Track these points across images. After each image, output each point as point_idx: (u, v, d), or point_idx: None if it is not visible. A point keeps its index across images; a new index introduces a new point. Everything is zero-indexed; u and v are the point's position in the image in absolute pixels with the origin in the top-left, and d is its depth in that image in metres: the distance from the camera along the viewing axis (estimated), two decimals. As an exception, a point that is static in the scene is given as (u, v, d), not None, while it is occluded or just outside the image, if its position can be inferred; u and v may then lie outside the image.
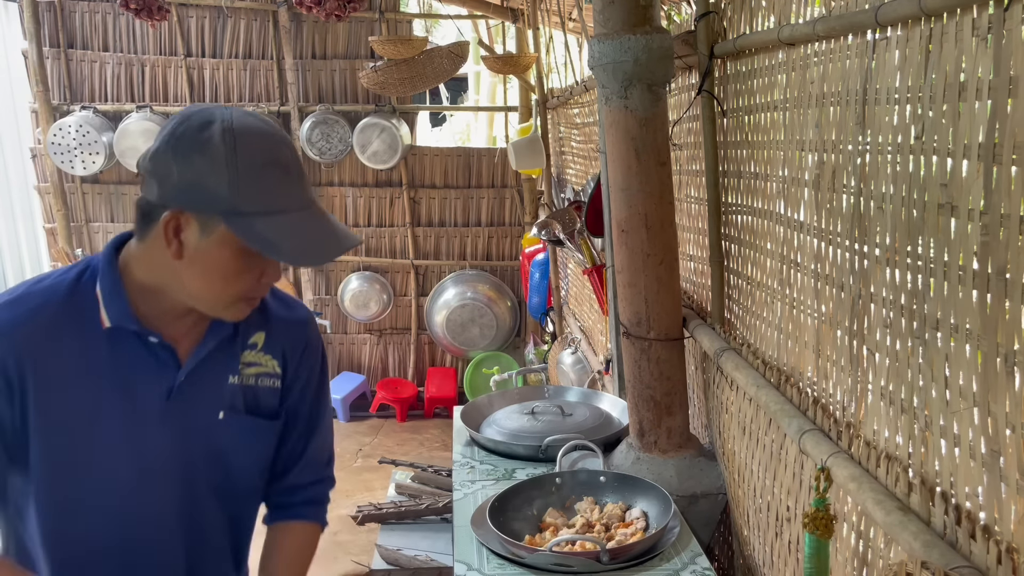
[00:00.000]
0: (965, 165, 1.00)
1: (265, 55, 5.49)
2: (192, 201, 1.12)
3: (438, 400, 5.67)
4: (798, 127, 1.51)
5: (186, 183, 1.12)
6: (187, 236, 1.14)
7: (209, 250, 1.14)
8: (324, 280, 5.79)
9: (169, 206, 1.13)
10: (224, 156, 1.11)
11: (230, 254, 1.15)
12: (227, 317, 1.24)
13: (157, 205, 1.15)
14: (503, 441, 2.16)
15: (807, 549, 1.13)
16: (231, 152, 1.11)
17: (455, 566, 1.65)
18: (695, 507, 1.91)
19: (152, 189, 1.15)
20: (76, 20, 5.41)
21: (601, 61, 1.83)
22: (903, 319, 1.17)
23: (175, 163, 1.12)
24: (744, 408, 1.75)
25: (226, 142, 1.11)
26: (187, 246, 1.15)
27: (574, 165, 4.20)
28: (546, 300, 4.90)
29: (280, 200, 1.15)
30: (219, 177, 1.11)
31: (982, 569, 0.95)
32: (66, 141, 5.18)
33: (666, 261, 1.91)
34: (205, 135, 1.12)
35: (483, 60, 4.91)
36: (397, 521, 3.76)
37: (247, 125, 1.14)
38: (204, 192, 1.12)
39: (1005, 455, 0.94)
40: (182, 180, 1.12)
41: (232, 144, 1.11)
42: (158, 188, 1.14)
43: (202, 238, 1.14)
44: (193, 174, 1.12)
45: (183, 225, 1.14)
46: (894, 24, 1.15)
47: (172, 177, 1.13)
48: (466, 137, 8.39)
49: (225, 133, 1.12)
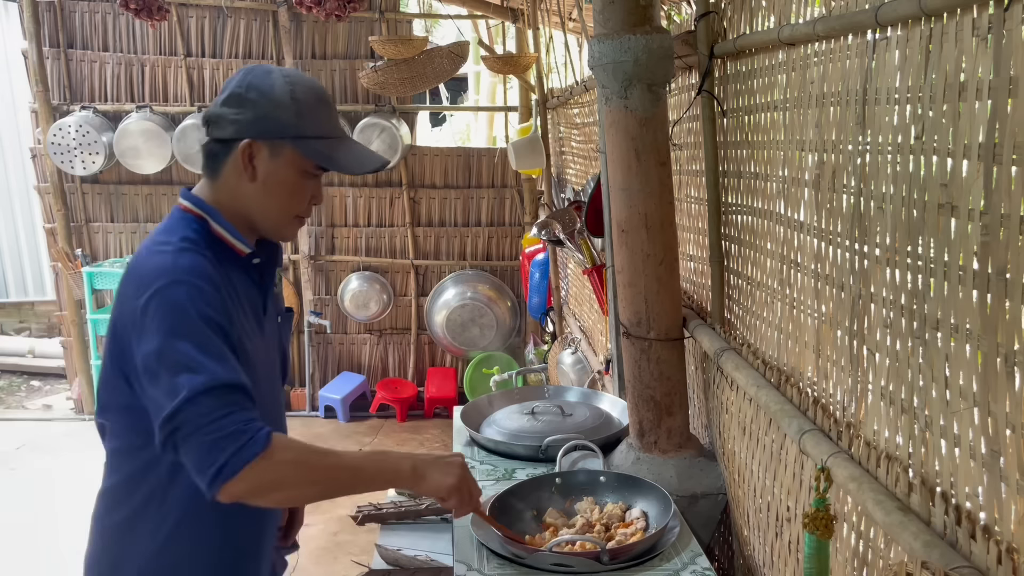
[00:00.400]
0: (965, 165, 1.00)
1: (265, 55, 5.49)
2: (264, 131, 1.40)
3: (438, 400, 5.66)
4: (798, 127, 1.51)
5: (258, 117, 1.40)
6: (259, 161, 1.42)
7: (277, 170, 1.42)
8: (324, 280, 5.79)
9: (244, 137, 1.40)
10: (288, 94, 1.41)
11: (294, 172, 1.43)
12: (285, 235, 1.52)
13: (231, 140, 1.41)
14: (503, 441, 2.16)
15: (807, 549, 1.12)
16: (292, 91, 1.41)
17: (455, 566, 1.65)
18: (695, 507, 1.91)
19: (225, 129, 1.41)
20: (76, 20, 5.41)
21: (601, 61, 1.83)
22: (903, 319, 1.17)
23: (247, 103, 1.40)
24: (744, 408, 1.75)
25: (288, 84, 1.41)
26: (259, 169, 1.42)
27: (574, 165, 4.20)
28: (546, 300, 4.90)
29: (330, 128, 1.47)
30: (286, 110, 1.40)
31: (982, 569, 0.95)
32: (66, 141, 5.18)
33: (666, 261, 1.91)
34: (269, 81, 1.41)
35: (483, 60, 4.91)
36: (397, 521, 3.76)
37: (298, 73, 1.48)
38: (274, 122, 1.40)
39: (1005, 455, 0.94)
40: (256, 115, 1.40)
41: (292, 86, 1.42)
42: (232, 126, 1.41)
43: (271, 160, 1.42)
44: (264, 110, 1.40)
45: (255, 152, 1.41)
46: (894, 24, 1.15)
47: (246, 114, 1.40)
48: (466, 137, 8.39)
49: (285, 78, 1.42)
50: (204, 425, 1.22)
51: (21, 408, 6.04)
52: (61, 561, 3.75)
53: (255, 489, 1.25)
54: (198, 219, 1.44)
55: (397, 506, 3.83)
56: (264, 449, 1.23)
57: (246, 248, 1.46)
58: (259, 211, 1.46)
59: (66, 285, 5.53)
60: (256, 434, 1.24)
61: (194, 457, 1.23)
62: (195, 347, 1.27)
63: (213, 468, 1.21)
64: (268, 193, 1.44)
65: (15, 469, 4.85)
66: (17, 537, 3.99)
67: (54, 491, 4.52)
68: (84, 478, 4.85)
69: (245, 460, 1.21)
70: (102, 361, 1.42)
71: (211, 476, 1.21)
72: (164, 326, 1.28)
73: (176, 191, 5.63)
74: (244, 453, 1.22)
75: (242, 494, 1.25)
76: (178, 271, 1.32)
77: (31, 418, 5.79)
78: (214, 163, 1.45)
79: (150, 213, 5.68)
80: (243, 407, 1.26)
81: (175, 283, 1.31)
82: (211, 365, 1.26)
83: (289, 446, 1.30)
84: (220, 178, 1.45)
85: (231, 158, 1.42)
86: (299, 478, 1.31)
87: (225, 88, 1.44)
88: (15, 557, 3.80)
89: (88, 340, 5.45)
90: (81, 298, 5.43)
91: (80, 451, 5.14)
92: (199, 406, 1.23)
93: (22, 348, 6.79)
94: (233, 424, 1.23)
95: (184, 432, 1.23)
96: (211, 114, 1.44)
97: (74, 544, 4.41)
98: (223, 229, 1.44)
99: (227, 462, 1.21)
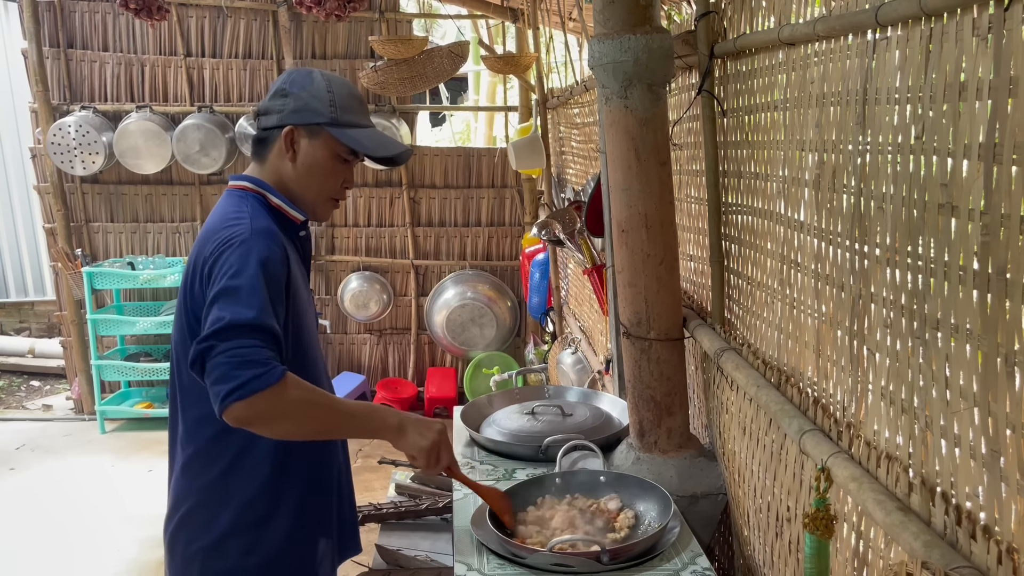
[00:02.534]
0: (965, 165, 1.00)
1: (265, 55, 5.49)
2: (305, 118, 1.64)
3: (438, 400, 5.66)
4: (798, 127, 1.51)
5: (300, 107, 1.64)
6: (299, 144, 1.65)
7: (314, 152, 1.66)
8: (324, 280, 5.79)
9: (287, 124, 1.64)
10: (325, 88, 1.66)
11: (328, 155, 1.67)
12: (320, 214, 1.74)
13: (276, 127, 1.65)
14: (503, 441, 2.16)
15: (807, 549, 1.12)
16: (329, 86, 1.66)
17: (455, 566, 1.65)
18: (695, 507, 1.91)
19: (271, 119, 1.66)
20: (76, 20, 5.41)
21: (601, 61, 1.83)
22: (903, 319, 1.17)
23: (290, 96, 1.65)
24: (744, 408, 1.75)
25: (325, 80, 1.67)
26: (299, 152, 1.65)
27: (574, 165, 4.20)
28: (546, 300, 4.89)
29: (361, 118, 1.70)
30: (323, 102, 1.65)
31: (982, 569, 0.95)
32: (66, 141, 5.18)
33: (666, 261, 1.91)
34: (309, 78, 1.67)
35: (483, 60, 4.91)
36: (397, 521, 3.75)
37: (334, 74, 1.72)
38: (313, 112, 1.64)
39: (1005, 455, 0.94)
40: (297, 106, 1.64)
41: (328, 82, 1.67)
42: (277, 116, 1.65)
43: (310, 144, 1.65)
44: (304, 100, 1.64)
45: (296, 137, 1.65)
46: (894, 24, 1.15)
47: (289, 106, 1.65)
48: (466, 137, 8.39)
49: (322, 76, 1.68)
50: (231, 349, 1.39)
51: (21, 408, 6.04)
52: (61, 561, 3.75)
53: (259, 415, 1.41)
54: (256, 195, 1.66)
55: (397, 506, 3.82)
56: (277, 382, 1.39)
57: (300, 216, 1.70)
58: (299, 190, 1.68)
59: (66, 285, 5.53)
60: (274, 368, 1.40)
61: (215, 375, 1.39)
62: (248, 290, 1.45)
63: (228, 386, 1.37)
64: (307, 173, 1.67)
65: (15, 469, 4.85)
66: (17, 537, 3.99)
67: (54, 491, 4.52)
68: (84, 478, 4.86)
69: (258, 388, 1.37)
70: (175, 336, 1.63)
71: (224, 393, 1.37)
72: (230, 271, 1.47)
73: (176, 191, 5.64)
74: (259, 381, 1.38)
75: (247, 418, 1.40)
76: (254, 232, 1.53)
77: (31, 418, 5.79)
78: (262, 149, 1.69)
79: (150, 213, 5.68)
80: (270, 347, 1.43)
81: (249, 240, 1.51)
82: (256, 306, 1.44)
83: (299, 384, 1.46)
84: (267, 162, 1.68)
85: (276, 143, 1.66)
86: (300, 415, 1.48)
87: (273, 86, 1.69)
88: (15, 557, 3.80)
89: (88, 340, 5.45)
90: (81, 298, 5.43)
91: (80, 451, 5.14)
92: (233, 333, 1.40)
93: (22, 348, 6.79)
94: (256, 355, 1.40)
95: (213, 352, 1.40)
96: (261, 108, 1.69)
97: (73, 544, 4.42)
98: (280, 200, 1.67)
99: (242, 384, 1.37)
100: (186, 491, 1.64)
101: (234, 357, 1.38)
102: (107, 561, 3.72)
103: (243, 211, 1.60)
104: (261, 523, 1.62)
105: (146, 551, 3.77)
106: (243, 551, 1.61)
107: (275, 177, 1.68)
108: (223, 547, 1.61)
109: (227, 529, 1.60)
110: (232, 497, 1.61)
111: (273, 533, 1.62)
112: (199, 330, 1.48)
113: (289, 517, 1.64)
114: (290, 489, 1.64)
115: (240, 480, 1.61)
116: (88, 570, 3.67)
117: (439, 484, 4.00)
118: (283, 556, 1.64)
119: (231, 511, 1.61)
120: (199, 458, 1.63)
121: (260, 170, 1.69)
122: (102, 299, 5.60)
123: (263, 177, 1.68)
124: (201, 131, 5.19)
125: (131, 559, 3.72)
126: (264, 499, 1.62)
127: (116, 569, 3.66)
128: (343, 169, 1.70)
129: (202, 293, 1.52)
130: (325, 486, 1.73)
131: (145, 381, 5.64)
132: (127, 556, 3.75)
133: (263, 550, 1.62)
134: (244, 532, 1.61)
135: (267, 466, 1.61)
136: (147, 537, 3.86)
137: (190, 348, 1.46)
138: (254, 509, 1.61)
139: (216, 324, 1.41)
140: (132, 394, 5.71)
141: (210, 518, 1.61)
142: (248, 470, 1.61)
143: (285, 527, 1.64)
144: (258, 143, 1.70)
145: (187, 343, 1.53)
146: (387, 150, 1.71)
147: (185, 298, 1.59)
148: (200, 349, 1.41)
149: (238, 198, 1.65)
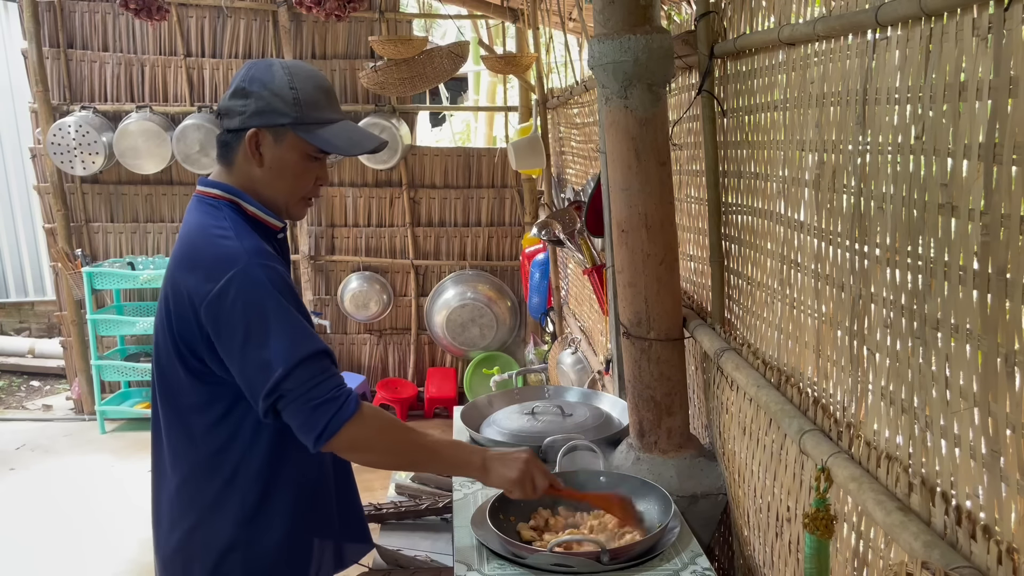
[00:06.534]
0: (965, 165, 1.00)
1: (265, 55, 5.48)
2: (267, 120, 1.52)
3: (438, 400, 5.66)
4: (798, 127, 1.51)
5: (262, 108, 1.52)
6: (265, 147, 1.55)
7: (281, 155, 1.55)
8: (324, 280, 5.79)
9: (250, 127, 1.53)
10: (287, 84, 1.52)
11: (297, 156, 1.56)
12: (294, 215, 1.65)
13: (239, 130, 1.54)
14: (503, 441, 2.16)
15: (807, 549, 1.12)
16: (291, 81, 1.52)
17: (455, 566, 1.65)
18: (695, 507, 1.91)
19: (233, 120, 1.54)
20: (76, 20, 5.41)
21: (601, 61, 1.83)
22: (903, 319, 1.17)
23: (251, 95, 1.52)
24: (744, 408, 1.75)
25: (287, 75, 1.53)
26: (265, 155, 1.55)
27: (574, 165, 4.20)
28: (546, 300, 4.89)
29: (329, 113, 1.57)
30: (286, 100, 1.52)
31: (982, 569, 0.95)
32: (66, 141, 5.18)
33: (666, 261, 1.91)
34: (269, 73, 1.53)
35: (483, 60, 4.91)
36: (397, 521, 3.75)
37: (297, 64, 1.58)
38: (276, 112, 1.52)
39: (1005, 455, 0.94)
40: (258, 106, 1.52)
41: (291, 76, 1.53)
42: (238, 117, 1.53)
43: (276, 146, 1.54)
44: (265, 100, 1.52)
45: (261, 140, 1.54)
46: (894, 24, 1.15)
47: (250, 106, 1.52)
48: (466, 137, 8.38)
49: (284, 69, 1.53)
50: (302, 394, 1.44)
51: (21, 408, 6.04)
52: (61, 561, 3.75)
53: (350, 445, 1.50)
54: (229, 203, 1.57)
55: (397, 506, 3.82)
56: (355, 413, 1.47)
57: (279, 222, 1.63)
58: (269, 193, 1.59)
59: (66, 285, 5.53)
60: (347, 399, 1.47)
61: (297, 422, 1.46)
62: (279, 323, 1.45)
63: (316, 431, 1.45)
64: (276, 176, 1.57)
65: (15, 469, 4.85)
66: (17, 537, 3.99)
67: (54, 491, 4.52)
68: (84, 478, 4.86)
69: (341, 422, 1.45)
70: (158, 361, 1.58)
71: (315, 436, 1.45)
72: (248, 308, 1.44)
73: (176, 191, 5.64)
74: (340, 416, 1.45)
75: (340, 448, 1.50)
76: (249, 255, 1.47)
77: (31, 418, 5.79)
78: (227, 152, 1.58)
79: (150, 213, 5.68)
80: (331, 373, 1.48)
81: (249, 267, 1.46)
82: (297, 338, 1.45)
83: (375, 414, 1.54)
84: (235, 165, 1.58)
85: (241, 146, 1.55)
86: (384, 445, 1.55)
87: (232, 82, 1.57)
88: (15, 557, 3.80)
89: (88, 340, 5.45)
90: (81, 298, 5.43)
91: (80, 451, 5.14)
92: (294, 378, 1.43)
93: (22, 348, 6.79)
94: (327, 391, 1.46)
95: (285, 401, 1.44)
96: (221, 107, 1.57)
97: (73, 544, 4.42)
98: (256, 209, 1.59)
99: (327, 424, 1.45)
100: (182, 512, 1.61)
101: (306, 403, 1.44)
102: (107, 561, 3.72)
103: (224, 226, 1.52)
104: (259, 534, 1.60)
105: (146, 551, 3.76)
106: (243, 564, 1.59)
107: (245, 181, 1.58)
108: (223, 565, 1.59)
109: (226, 545, 1.58)
110: (230, 512, 1.58)
111: (270, 542, 1.60)
112: (188, 357, 1.51)
113: (284, 524, 1.62)
114: (283, 496, 1.62)
115: (236, 495, 1.58)
116: (88, 570, 3.67)
117: (439, 484, 4.00)
118: (279, 564, 1.62)
119: (230, 527, 1.58)
120: (194, 478, 1.59)
121: (229, 175, 1.59)
122: (102, 299, 5.60)
123: (233, 183, 1.58)
124: (201, 131, 5.19)
125: (131, 559, 3.72)
126: (261, 510, 1.60)
127: (116, 569, 3.66)
128: (314, 167, 1.60)
129: (195, 318, 1.47)
130: (319, 487, 1.71)
131: (145, 381, 5.63)
132: (127, 556, 3.75)
133: (261, 560, 1.60)
134: (242, 546, 1.59)
135: (262, 477, 1.59)
136: (147, 537, 3.82)
137: (176, 370, 1.52)
138: (252, 521, 1.59)
139: (271, 375, 1.42)
140: (132, 394, 5.72)
141: (211, 536, 1.59)
142: (243, 484, 1.58)
143: (280, 535, 1.61)
144: (223, 146, 1.59)
145: (174, 364, 1.54)
146: (359, 147, 1.60)
147: (170, 317, 1.52)
148: (268, 405, 1.45)
149: (213, 208, 1.56)
